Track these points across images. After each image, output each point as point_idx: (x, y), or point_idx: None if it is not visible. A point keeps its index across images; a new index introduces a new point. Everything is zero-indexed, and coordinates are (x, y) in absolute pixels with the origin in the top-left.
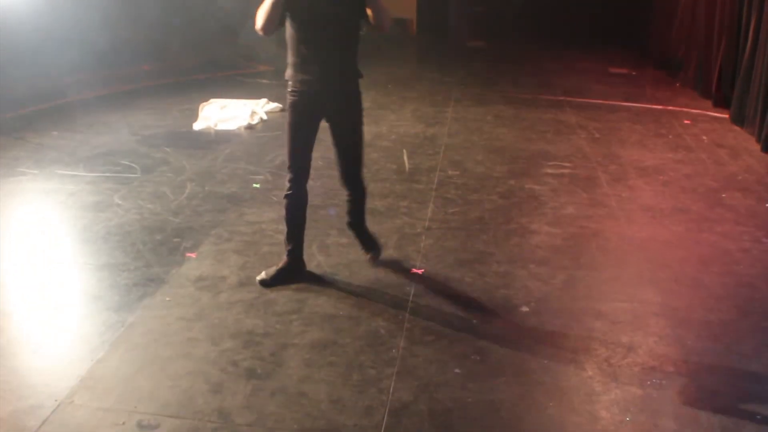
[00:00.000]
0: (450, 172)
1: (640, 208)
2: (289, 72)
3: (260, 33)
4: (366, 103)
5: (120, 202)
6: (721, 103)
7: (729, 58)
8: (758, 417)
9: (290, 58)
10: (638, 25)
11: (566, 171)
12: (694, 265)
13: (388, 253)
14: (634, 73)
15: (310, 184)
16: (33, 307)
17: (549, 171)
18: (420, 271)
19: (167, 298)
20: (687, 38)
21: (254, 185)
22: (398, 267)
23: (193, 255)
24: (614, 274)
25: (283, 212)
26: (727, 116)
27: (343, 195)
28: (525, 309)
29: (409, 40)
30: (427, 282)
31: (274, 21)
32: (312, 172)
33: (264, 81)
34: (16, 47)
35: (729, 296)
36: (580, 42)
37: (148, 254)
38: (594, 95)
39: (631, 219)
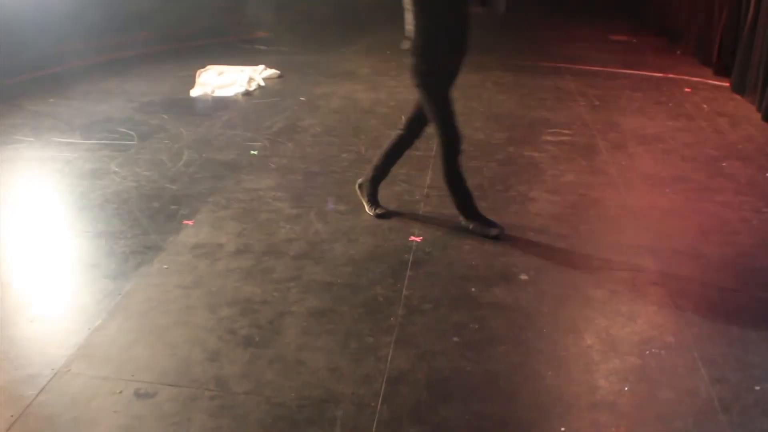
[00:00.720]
0: None
1: (640, 176)
2: (436, 50)
3: None
4: (364, 69)
5: (117, 169)
6: (722, 71)
7: (730, 27)
8: (756, 388)
9: (433, 35)
10: None
11: (566, 138)
12: (693, 235)
13: (387, 220)
14: (634, 40)
15: (307, 151)
16: (30, 276)
17: (548, 138)
18: (418, 239)
19: (165, 266)
20: (688, 7)
21: (252, 152)
22: (397, 234)
23: (190, 222)
24: (613, 243)
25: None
26: (727, 85)
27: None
28: (524, 277)
29: None
30: (426, 249)
31: None
32: (310, 139)
33: (261, 47)
34: (13, 14)
35: (728, 266)
36: (581, 9)
37: (145, 222)
38: (594, 63)
39: (631, 187)
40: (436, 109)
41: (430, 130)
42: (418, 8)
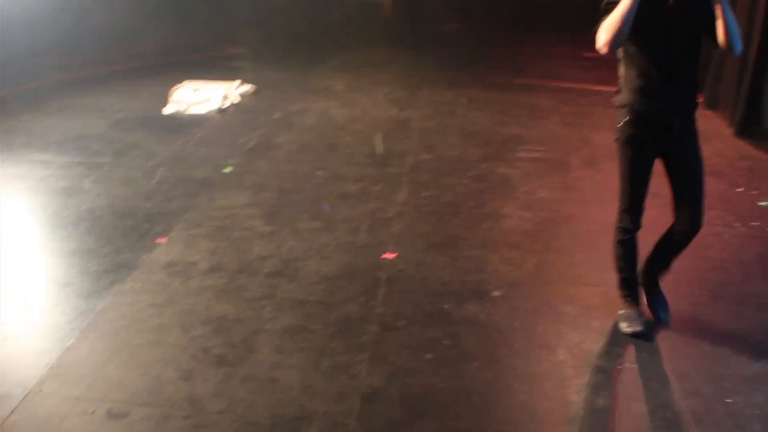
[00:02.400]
0: (423, 156)
1: (613, 192)
2: (628, 97)
3: (603, 50)
4: (339, 86)
5: (90, 187)
6: None
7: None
8: (728, 401)
9: (631, 81)
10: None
11: (539, 155)
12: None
13: (360, 237)
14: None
15: (281, 168)
16: (1, 295)
17: (522, 155)
18: (392, 256)
19: (137, 284)
20: None
21: (225, 169)
22: (371, 251)
23: (163, 240)
24: (586, 259)
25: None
26: (699, 100)
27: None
28: (497, 293)
29: (382, 22)
30: (399, 266)
31: (625, 33)
32: (284, 156)
33: (237, 63)
34: None
35: (700, 280)
36: (555, 26)
37: (118, 240)
38: (567, 79)
39: (604, 203)
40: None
41: (399, 147)
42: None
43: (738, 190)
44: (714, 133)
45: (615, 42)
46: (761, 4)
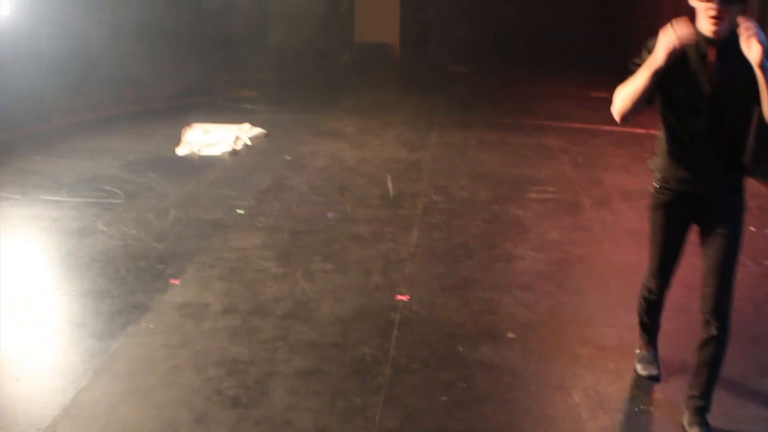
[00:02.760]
0: (434, 198)
1: (625, 232)
2: (659, 162)
3: (618, 118)
4: (349, 128)
5: (104, 228)
6: None
7: None
8: None
9: (664, 145)
10: (619, 51)
11: (550, 196)
12: (679, 290)
13: (373, 279)
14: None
15: (293, 209)
16: (16, 335)
17: (533, 196)
18: (405, 298)
19: (151, 326)
20: None
21: (238, 211)
22: (383, 293)
23: (176, 281)
24: (599, 299)
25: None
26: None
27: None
28: (511, 335)
29: (392, 65)
30: (413, 308)
31: (639, 108)
32: (296, 197)
33: (247, 106)
34: (1, 71)
35: None
36: (562, 67)
37: (131, 281)
38: (577, 119)
39: (616, 243)
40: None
41: (410, 189)
42: None
43: (751, 229)
44: None
45: (626, 116)
46: None
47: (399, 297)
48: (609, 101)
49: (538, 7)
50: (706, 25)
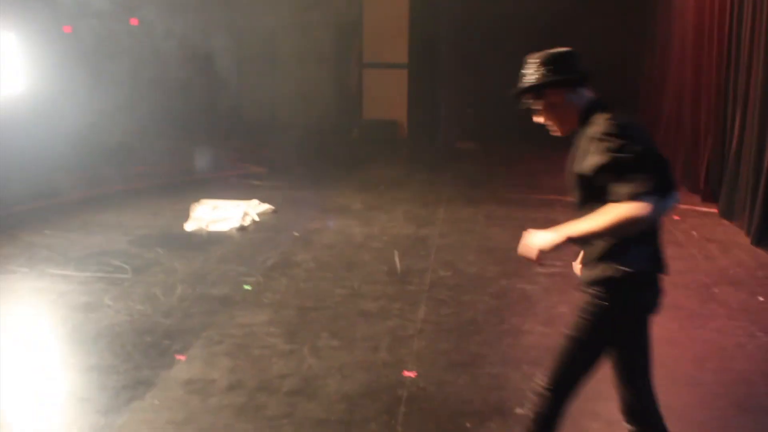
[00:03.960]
0: (442, 273)
1: None
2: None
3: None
4: (357, 204)
5: (110, 303)
6: (709, 197)
7: (715, 153)
8: None
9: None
10: None
11: (557, 270)
12: (689, 363)
13: (380, 355)
14: None
15: (300, 285)
16: (20, 409)
17: (540, 270)
18: (413, 374)
19: (156, 402)
20: (674, 136)
21: (245, 287)
22: (391, 370)
23: (182, 357)
24: (609, 374)
25: None
26: (715, 211)
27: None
28: (520, 411)
29: (400, 141)
30: (420, 385)
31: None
32: (303, 274)
33: (255, 182)
34: (11, 145)
35: (726, 394)
36: (569, 142)
37: (137, 356)
38: None
39: None
40: None
41: (418, 265)
42: None
43: (760, 299)
44: (732, 242)
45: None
46: None
47: (406, 373)
48: None
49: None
50: None
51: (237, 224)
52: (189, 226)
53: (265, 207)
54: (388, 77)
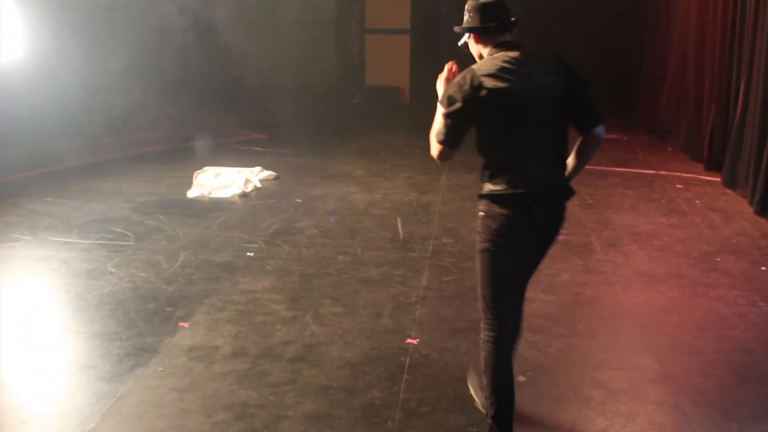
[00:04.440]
0: (444, 240)
1: (635, 273)
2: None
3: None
4: (359, 171)
5: (113, 270)
6: (713, 166)
7: (719, 122)
8: None
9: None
10: (627, 95)
11: (560, 238)
12: (690, 331)
13: (383, 322)
14: (625, 138)
15: (303, 252)
16: (23, 377)
17: None
18: (415, 341)
19: (160, 369)
20: (677, 106)
21: (248, 254)
22: (393, 336)
23: (186, 324)
24: (610, 342)
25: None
26: (719, 180)
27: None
28: (521, 378)
29: (402, 108)
30: (423, 352)
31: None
32: (306, 240)
33: (258, 149)
34: (12, 113)
35: (726, 362)
36: None
37: (140, 323)
38: None
39: (626, 285)
40: None
41: (420, 232)
42: None
43: (762, 269)
44: (735, 212)
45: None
46: None
47: (409, 340)
48: (618, 143)
49: (546, 49)
50: None
51: (239, 191)
52: (191, 193)
53: (268, 174)
54: (390, 43)
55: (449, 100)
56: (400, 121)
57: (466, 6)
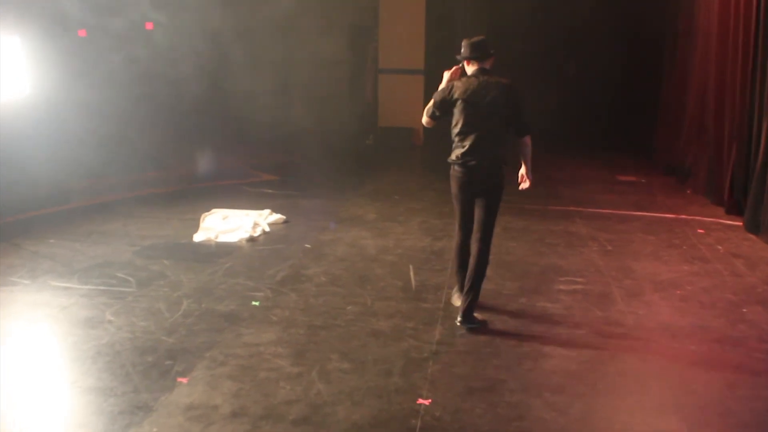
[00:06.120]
0: None
1: (659, 326)
2: (453, 157)
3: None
4: (371, 214)
5: (112, 318)
6: (734, 210)
7: (740, 164)
8: None
9: (456, 145)
10: (643, 133)
11: (579, 287)
12: (719, 390)
13: (393, 380)
14: (643, 180)
15: (310, 302)
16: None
17: (561, 287)
18: (427, 402)
19: (154, 429)
20: (696, 146)
21: (253, 303)
22: (404, 396)
23: (184, 380)
24: (636, 402)
25: None
26: (740, 224)
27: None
28: None
29: (416, 149)
30: (435, 414)
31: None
32: (314, 289)
33: (268, 191)
34: (19, 151)
35: (759, 423)
36: (586, 151)
37: (137, 378)
38: (604, 205)
39: (650, 339)
40: None
41: (434, 280)
42: None
43: None
44: (760, 258)
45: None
46: None
47: (420, 401)
48: (636, 185)
49: (558, 91)
50: None
51: (247, 235)
52: (198, 237)
53: (277, 217)
54: (404, 83)
55: (438, 93)
56: (414, 162)
57: (462, 41)
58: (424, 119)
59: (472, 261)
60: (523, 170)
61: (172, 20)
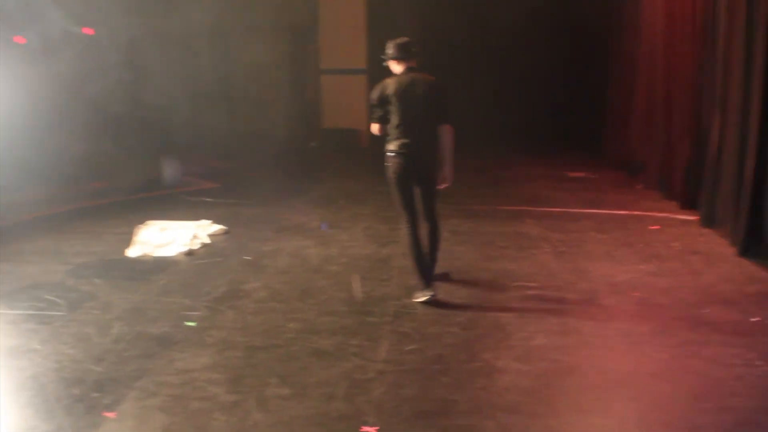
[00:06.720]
0: (405, 301)
1: (617, 333)
2: (389, 146)
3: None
4: (315, 222)
5: (39, 346)
6: (688, 204)
7: (693, 157)
8: None
9: (391, 135)
10: (593, 129)
11: (532, 293)
12: (685, 402)
13: (335, 406)
14: (593, 176)
15: (249, 319)
16: None
17: (513, 294)
18: (373, 430)
19: None
20: (646, 139)
21: (188, 323)
22: (347, 423)
23: (112, 415)
24: (597, 420)
25: None
26: (695, 218)
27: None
28: None
29: (360, 151)
30: None
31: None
32: (252, 305)
33: (208, 199)
34: None
35: None
36: (534, 149)
37: (60, 414)
38: (555, 203)
39: (609, 347)
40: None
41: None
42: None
43: (753, 319)
44: (717, 254)
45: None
46: (754, 116)
47: (365, 429)
48: (586, 181)
49: (509, 89)
50: None
51: (185, 248)
52: (132, 252)
53: (217, 228)
54: (346, 83)
55: (373, 93)
56: (359, 164)
57: (387, 43)
58: (373, 127)
59: (428, 240)
60: (444, 170)
61: (103, 26)
